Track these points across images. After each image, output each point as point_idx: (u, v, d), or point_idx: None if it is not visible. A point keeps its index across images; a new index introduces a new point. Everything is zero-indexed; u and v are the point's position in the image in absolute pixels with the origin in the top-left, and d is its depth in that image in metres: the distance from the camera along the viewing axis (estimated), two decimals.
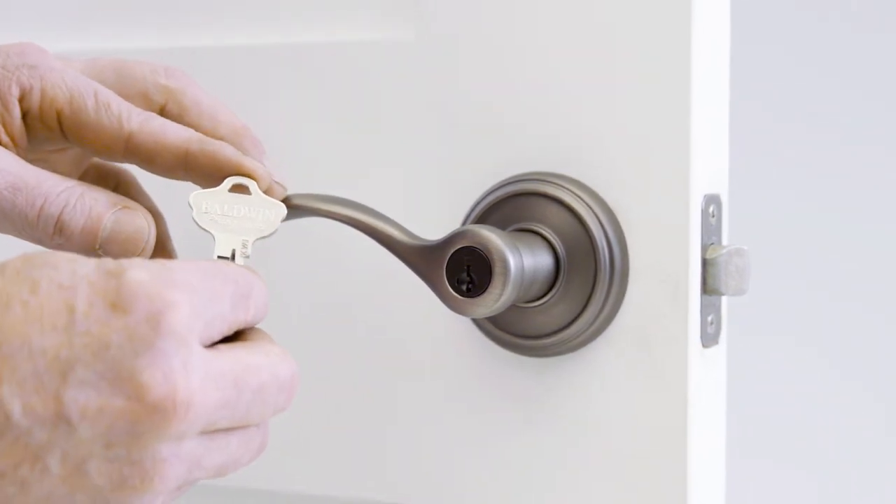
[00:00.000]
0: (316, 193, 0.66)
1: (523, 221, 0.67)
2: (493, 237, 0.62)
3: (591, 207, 0.66)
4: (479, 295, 0.62)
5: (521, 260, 0.62)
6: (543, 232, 0.67)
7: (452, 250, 0.62)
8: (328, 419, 0.75)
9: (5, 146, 0.59)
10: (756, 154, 1.32)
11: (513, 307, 0.67)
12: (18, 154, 0.59)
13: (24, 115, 0.59)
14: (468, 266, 0.62)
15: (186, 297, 0.48)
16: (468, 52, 0.70)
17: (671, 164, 0.66)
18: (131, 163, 0.60)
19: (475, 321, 0.69)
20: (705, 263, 0.67)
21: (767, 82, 1.35)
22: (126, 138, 0.59)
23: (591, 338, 0.67)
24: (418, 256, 0.63)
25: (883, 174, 1.36)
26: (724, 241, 0.69)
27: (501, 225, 0.67)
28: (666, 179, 0.66)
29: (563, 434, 0.69)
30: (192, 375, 0.48)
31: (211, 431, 0.50)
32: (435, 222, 0.69)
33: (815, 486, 1.37)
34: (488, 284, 0.62)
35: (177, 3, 0.79)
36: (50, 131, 0.59)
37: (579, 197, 0.67)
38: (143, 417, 0.47)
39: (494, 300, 0.62)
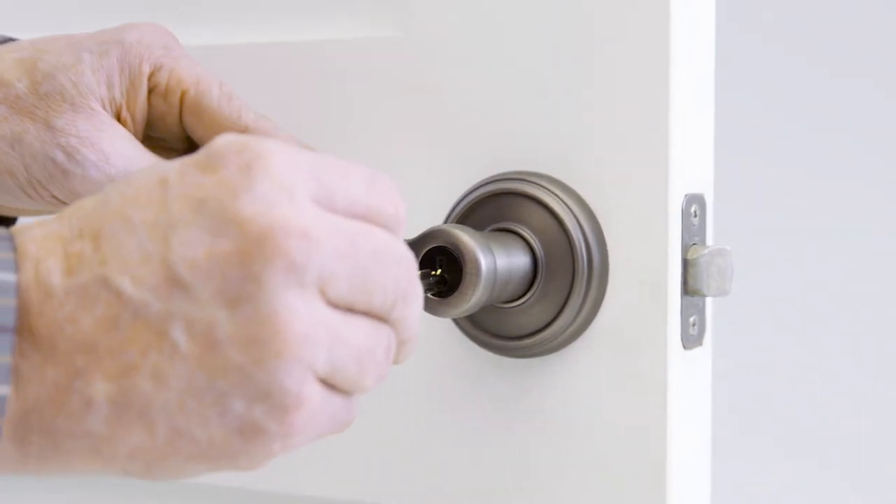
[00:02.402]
0: None
1: (503, 221, 0.67)
2: (464, 237, 0.61)
3: (569, 207, 0.66)
4: (450, 295, 0.61)
5: (493, 260, 0.62)
6: (522, 232, 0.66)
7: (424, 250, 0.62)
8: None
9: (124, 122, 0.63)
10: (747, 154, 1.32)
11: (492, 308, 0.67)
12: (135, 131, 0.63)
13: (150, 92, 0.63)
14: (440, 266, 0.62)
15: (281, 148, 0.46)
16: (453, 51, 0.69)
17: (650, 164, 0.65)
18: None
19: (455, 321, 0.69)
20: (686, 264, 0.66)
21: (761, 82, 1.34)
22: (241, 129, 0.62)
23: (571, 339, 0.67)
24: None
25: (871, 174, 1.35)
26: (709, 242, 0.68)
27: (481, 224, 0.67)
28: (645, 179, 0.65)
29: (543, 435, 0.68)
30: (300, 208, 0.45)
31: (340, 306, 0.47)
32: (417, 221, 0.69)
33: (810, 487, 1.36)
34: (460, 285, 0.61)
35: (173, 3, 0.79)
36: (169, 108, 0.63)
37: (558, 197, 0.66)
38: (252, 250, 0.44)
39: (466, 301, 0.61)
